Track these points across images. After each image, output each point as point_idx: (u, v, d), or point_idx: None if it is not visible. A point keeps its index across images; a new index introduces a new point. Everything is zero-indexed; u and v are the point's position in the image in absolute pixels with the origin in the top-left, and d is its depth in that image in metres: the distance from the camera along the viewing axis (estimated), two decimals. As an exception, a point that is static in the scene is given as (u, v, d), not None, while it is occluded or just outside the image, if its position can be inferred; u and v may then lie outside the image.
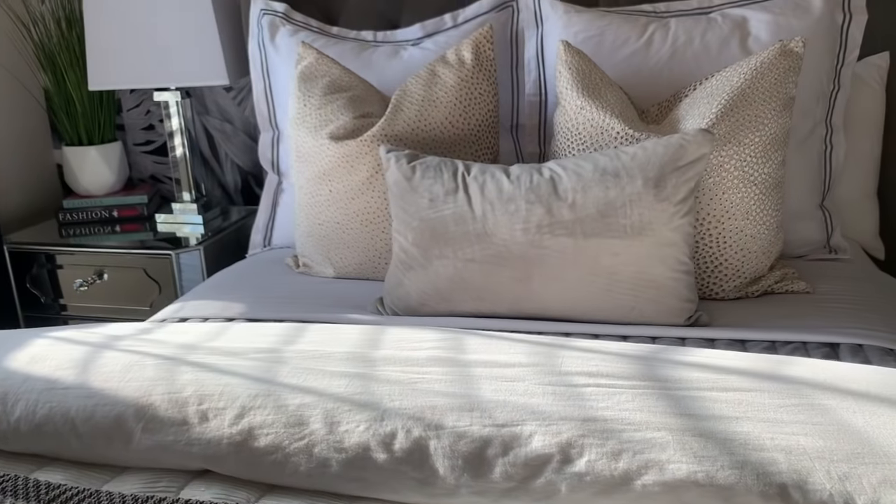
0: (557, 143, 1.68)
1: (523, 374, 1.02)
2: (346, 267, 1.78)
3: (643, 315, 1.44)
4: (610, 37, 1.80)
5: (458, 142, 1.71)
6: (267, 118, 2.12)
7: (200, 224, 2.45)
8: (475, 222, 1.47)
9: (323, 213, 1.76)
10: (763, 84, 1.55)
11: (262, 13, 2.08)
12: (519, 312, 1.49)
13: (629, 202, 1.39)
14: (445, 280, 1.50)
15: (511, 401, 0.97)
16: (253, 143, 2.64)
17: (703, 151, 1.41)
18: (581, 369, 1.03)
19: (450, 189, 1.51)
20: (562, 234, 1.41)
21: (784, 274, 1.62)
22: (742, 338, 1.39)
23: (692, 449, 0.87)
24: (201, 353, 1.13)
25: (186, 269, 2.29)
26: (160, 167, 2.77)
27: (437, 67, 1.74)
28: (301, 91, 1.78)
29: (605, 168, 1.43)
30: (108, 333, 1.24)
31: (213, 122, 2.66)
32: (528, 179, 1.47)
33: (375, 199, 1.70)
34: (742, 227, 1.55)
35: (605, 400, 0.96)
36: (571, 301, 1.45)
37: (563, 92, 1.66)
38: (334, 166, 1.71)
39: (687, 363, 1.04)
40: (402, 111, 1.69)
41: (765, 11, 1.77)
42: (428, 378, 1.02)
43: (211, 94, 2.63)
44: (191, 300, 1.70)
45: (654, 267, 1.41)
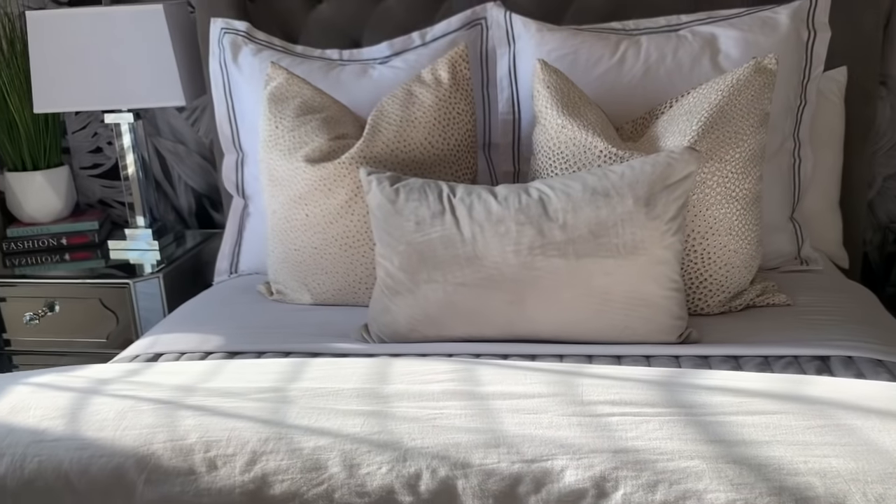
0: (538, 162, 1.66)
1: (545, 406, 1.00)
2: (324, 293, 1.73)
3: (636, 334, 1.43)
4: (584, 55, 1.80)
5: (438, 162, 1.68)
6: (230, 140, 2.05)
7: (156, 250, 2.36)
8: (465, 245, 1.44)
9: (299, 238, 1.70)
10: (740, 101, 1.57)
11: (223, 32, 2.02)
12: (511, 335, 1.47)
13: (621, 221, 1.39)
14: (435, 305, 1.46)
15: (537, 434, 0.94)
16: (207, 165, 2.56)
17: (691, 169, 1.42)
18: (604, 398, 1.01)
19: (436, 211, 1.48)
20: (554, 255, 1.40)
21: (764, 287, 1.64)
22: (735, 353, 1.40)
23: (728, 476, 0.86)
24: (200, 395, 1.07)
25: (144, 299, 2.19)
26: (109, 191, 2.66)
27: (413, 87, 1.71)
28: (272, 112, 1.73)
29: (594, 187, 1.42)
30: (92, 377, 1.17)
31: (164, 144, 2.57)
32: (516, 200, 1.45)
33: (355, 223, 1.66)
34: (725, 243, 1.56)
35: (633, 429, 0.94)
36: (564, 322, 1.43)
37: (542, 111, 1.65)
38: (311, 189, 1.66)
39: (708, 387, 1.04)
40: (381, 132, 1.66)
41: (733, 28, 1.80)
42: (446, 413, 0.99)
43: (162, 114, 2.54)
44: (162, 333, 1.62)
45: (647, 286, 1.41)
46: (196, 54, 2.29)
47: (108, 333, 2.20)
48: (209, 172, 2.58)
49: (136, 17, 2.16)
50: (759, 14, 1.81)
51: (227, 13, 2.12)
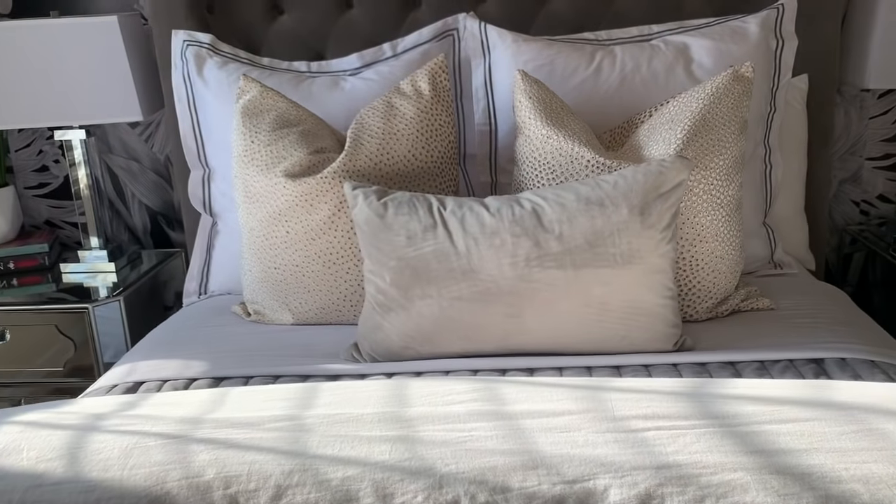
0: (522, 173, 1.65)
1: (578, 423, 0.97)
2: (306, 313, 1.67)
3: (634, 344, 1.43)
4: (560, 65, 1.80)
5: (421, 175, 1.65)
6: (196, 155, 1.97)
7: (112, 272, 2.26)
8: (459, 258, 1.41)
9: (279, 256, 1.64)
10: (721, 109, 1.58)
11: (186, 45, 1.94)
12: (508, 349, 1.44)
13: (617, 231, 1.38)
14: (430, 321, 1.43)
15: (575, 453, 0.92)
16: (162, 182, 2.47)
17: (682, 177, 1.42)
18: (636, 412, 0.99)
19: (427, 225, 1.44)
20: (551, 266, 1.38)
21: (748, 292, 1.66)
22: (731, 359, 1.41)
23: (773, 487, 0.86)
24: (209, 426, 1.01)
25: (104, 323, 2.09)
26: (57, 212, 2.54)
27: (393, 99, 1.67)
28: (246, 127, 1.67)
29: (588, 197, 1.41)
30: (85, 412, 1.09)
31: (117, 161, 2.47)
32: (509, 212, 1.43)
33: (338, 239, 1.61)
34: (713, 249, 1.57)
35: (671, 443, 0.93)
36: (563, 334, 1.42)
37: (525, 121, 1.63)
38: (291, 206, 1.61)
39: (735, 396, 1.03)
40: (363, 145, 1.62)
41: (705, 38, 1.82)
42: (477, 435, 0.96)
43: (114, 130, 2.44)
44: (139, 360, 1.54)
45: (644, 294, 1.40)
46: (151, 67, 2.20)
47: (66, 361, 2.09)
48: (164, 190, 2.48)
49: (88, 30, 2.07)
50: (729, 24, 1.84)
51: (186, 25, 2.05)
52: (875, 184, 2.37)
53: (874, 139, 2.34)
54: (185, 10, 2.07)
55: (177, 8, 2.07)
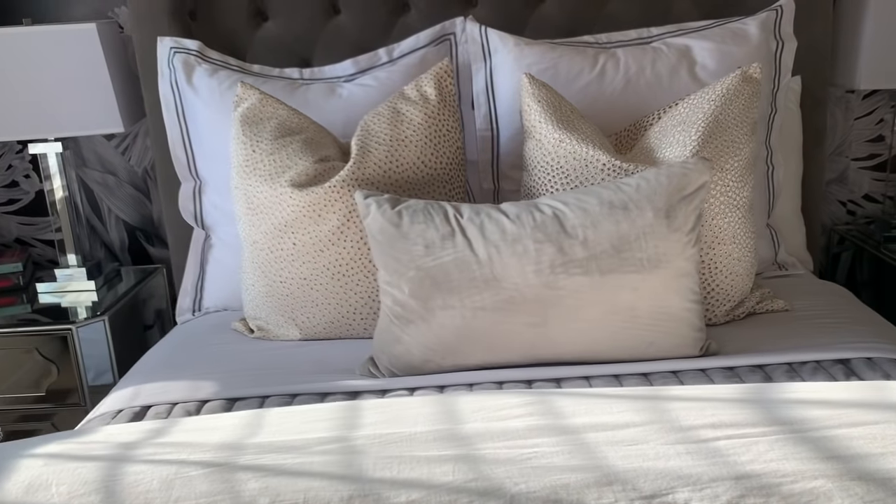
0: (534, 178, 1.61)
1: (644, 435, 0.93)
2: (314, 327, 1.61)
3: (661, 350, 1.40)
4: (563, 69, 1.78)
5: (430, 182, 1.60)
6: (186, 166, 1.90)
7: (92, 290, 2.16)
8: (481, 267, 1.36)
9: (286, 269, 1.58)
10: (732, 110, 1.57)
11: (173, 52, 1.87)
12: (533, 359, 1.40)
13: (643, 235, 1.35)
14: (452, 332, 1.38)
15: (648, 467, 0.88)
16: (140, 196, 2.38)
17: (705, 179, 1.40)
18: (702, 421, 0.96)
19: (445, 233, 1.40)
20: (577, 272, 1.35)
21: (762, 294, 1.65)
22: (760, 363, 1.39)
23: (858, 494, 0.83)
24: (251, 452, 0.95)
25: (88, 346, 1.99)
26: (28, 229, 2.42)
27: (399, 105, 1.62)
28: (246, 136, 1.60)
29: (611, 201, 1.38)
30: (111, 442, 1.01)
31: (92, 175, 2.37)
32: (530, 218, 1.39)
33: (347, 250, 1.55)
34: (730, 252, 1.55)
35: (744, 452, 0.90)
36: (589, 342, 1.38)
37: (535, 125, 1.60)
38: (298, 216, 1.54)
39: (798, 401, 1.01)
40: (371, 153, 1.56)
41: (706, 40, 1.81)
42: (541, 451, 0.91)
43: (89, 143, 2.34)
44: (143, 383, 1.46)
45: (671, 299, 1.38)
46: (129, 76, 2.12)
47: (48, 386, 1.99)
48: (143, 204, 2.39)
49: (66, 38, 1.98)
50: (729, 25, 1.84)
51: (169, 32, 1.98)
52: (861, 184, 2.40)
53: (859, 140, 2.36)
54: (167, 18, 1.99)
55: (159, 15, 1.99)
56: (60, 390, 2.00)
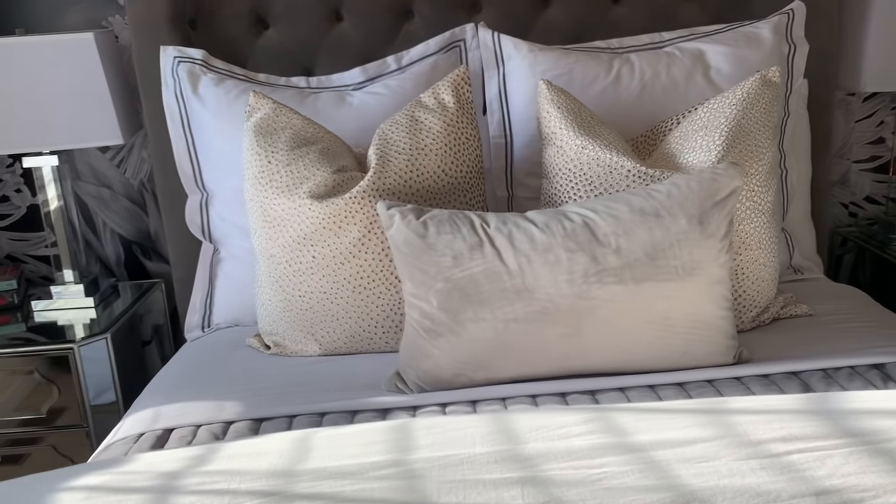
0: (555, 185, 1.59)
1: (714, 451, 0.91)
2: (334, 342, 1.57)
3: (695, 358, 1.38)
4: (579, 74, 1.75)
5: (451, 191, 1.57)
6: (192, 179, 1.84)
7: (91, 308, 2.09)
8: (512, 278, 1.33)
9: (305, 282, 1.53)
10: (754, 114, 1.56)
11: (178, 62, 1.82)
12: (565, 371, 1.37)
13: (677, 242, 1.33)
14: (484, 345, 1.35)
15: (724, 485, 0.85)
16: (137, 209, 2.32)
17: (736, 184, 1.39)
18: (770, 435, 0.94)
19: (473, 244, 1.36)
20: (611, 281, 1.32)
21: (785, 299, 1.64)
22: (795, 369, 1.37)
23: (942, 506, 0.81)
24: (306, 479, 0.90)
25: (90, 365, 1.93)
26: (19, 245, 2.35)
27: (416, 113, 1.59)
28: (261, 146, 1.56)
29: (642, 208, 1.36)
30: (152, 471, 0.96)
31: (86, 188, 2.31)
32: (559, 226, 1.36)
33: (369, 262, 1.52)
34: (756, 257, 1.54)
35: (820, 467, 0.87)
36: (624, 352, 1.36)
37: (556, 132, 1.58)
38: (317, 229, 1.50)
39: (864, 411, 0.99)
40: (390, 162, 1.53)
41: (719, 44, 1.80)
42: (611, 471, 0.88)
43: (83, 155, 2.28)
44: (162, 404, 1.40)
45: (705, 307, 1.35)
46: (127, 87, 2.07)
47: (49, 408, 1.92)
48: (139, 217, 2.33)
49: (62, 48, 1.92)
50: (742, 29, 1.83)
51: (169, 41, 1.93)
52: (862, 186, 2.41)
53: (860, 142, 2.37)
54: (167, 26, 1.94)
55: (159, 24, 1.94)
56: (63, 412, 1.93)
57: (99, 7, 2.16)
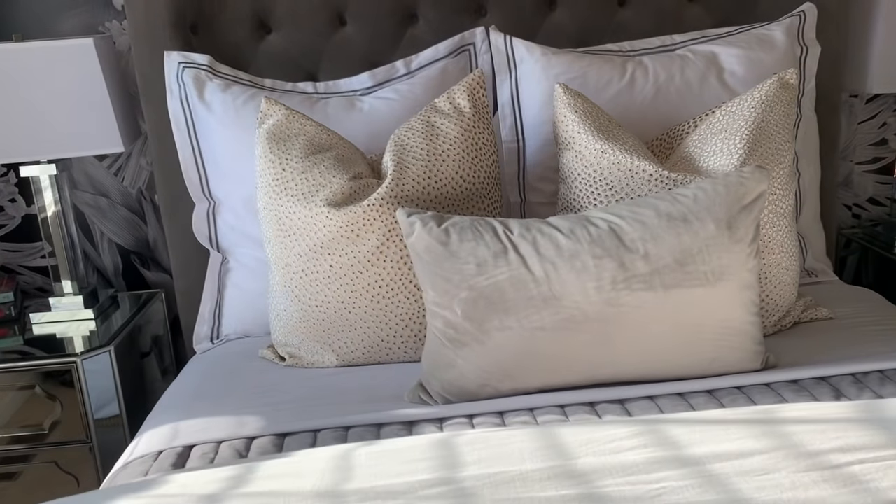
0: (574, 191, 1.56)
1: (773, 463, 0.88)
2: (352, 353, 1.53)
3: (724, 365, 1.36)
4: (593, 77, 1.73)
5: (469, 197, 1.54)
6: (199, 187, 1.80)
7: (91, 319, 2.04)
8: (538, 285, 1.31)
9: (322, 292, 1.50)
10: (773, 117, 1.55)
11: (183, 67, 1.77)
12: (594, 380, 1.35)
13: (706, 247, 1.31)
14: (511, 354, 1.32)
15: (787, 498, 0.83)
16: (135, 218, 2.27)
17: (763, 188, 1.37)
18: (829, 445, 0.91)
19: (497, 251, 1.34)
20: (640, 288, 1.30)
21: (806, 303, 1.62)
22: (824, 374, 1.36)
23: None
24: (354, 499, 0.87)
25: (94, 378, 1.88)
26: (14, 256, 2.29)
27: (432, 118, 1.56)
28: (274, 153, 1.52)
29: (669, 213, 1.34)
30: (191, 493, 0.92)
31: (83, 197, 2.25)
32: (585, 232, 1.34)
33: (387, 270, 1.48)
34: (779, 261, 1.53)
35: (882, 478, 0.85)
36: (653, 360, 1.34)
37: (574, 136, 1.55)
38: (335, 237, 1.47)
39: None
40: (408, 168, 1.50)
41: (733, 46, 1.79)
42: (670, 486, 0.85)
43: (79, 164, 2.22)
44: (180, 419, 1.36)
45: (735, 312, 1.34)
46: (126, 93, 2.02)
47: (52, 424, 1.87)
48: (137, 226, 2.28)
49: (61, 54, 1.87)
50: (754, 32, 1.82)
51: (170, 46, 1.89)
52: (865, 187, 2.41)
53: (863, 143, 2.37)
54: (169, 31, 1.90)
55: (160, 29, 1.90)
56: (66, 428, 1.88)
57: (95, 12, 2.11)
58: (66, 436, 1.89)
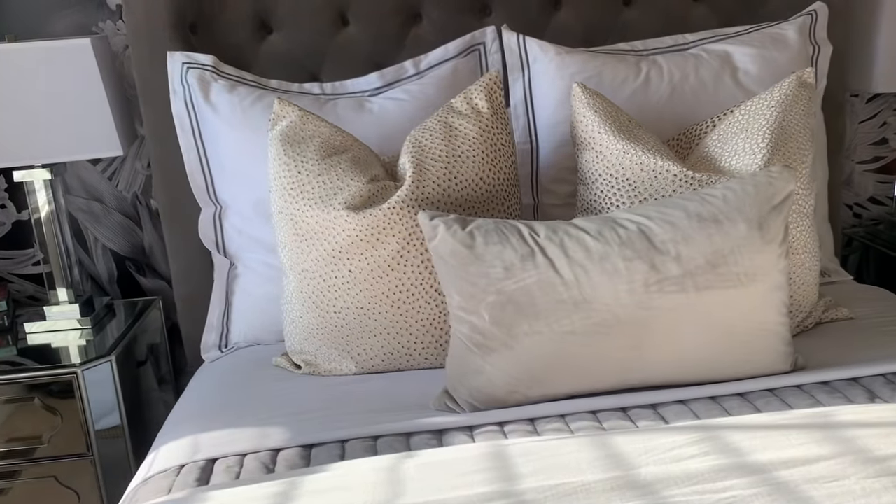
0: (596, 192, 1.54)
1: (840, 470, 0.86)
2: (371, 360, 1.49)
3: (756, 367, 1.34)
4: (608, 77, 1.71)
5: (488, 199, 1.51)
6: (205, 191, 1.75)
7: (88, 329, 1.98)
8: (568, 289, 1.28)
9: (341, 298, 1.46)
10: (794, 116, 1.53)
11: (187, 68, 1.72)
12: (625, 384, 1.32)
13: (737, 248, 1.29)
14: (540, 360, 1.29)
15: (862, 504, 0.81)
16: (130, 223, 2.21)
17: (791, 188, 1.35)
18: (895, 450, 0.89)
19: (525, 254, 1.31)
20: (672, 290, 1.27)
21: (826, 303, 1.61)
22: (854, 375, 1.34)
23: None
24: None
25: (94, 389, 1.82)
26: (4, 263, 2.22)
27: (449, 118, 1.53)
28: (289, 156, 1.48)
29: (699, 214, 1.32)
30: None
31: (76, 202, 2.19)
32: (613, 234, 1.31)
33: (408, 275, 1.45)
34: (803, 261, 1.51)
35: (955, 481, 0.83)
36: (685, 363, 1.31)
37: (594, 136, 1.53)
38: (354, 241, 1.43)
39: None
40: (428, 170, 1.46)
41: (746, 45, 1.78)
42: (740, 495, 0.83)
43: (72, 168, 2.15)
44: (198, 432, 1.31)
45: (767, 314, 1.32)
46: (123, 96, 1.96)
47: (51, 436, 1.80)
48: (132, 232, 2.22)
49: (57, 55, 1.81)
50: (767, 31, 1.81)
51: (170, 47, 1.83)
52: (866, 186, 2.41)
53: (864, 143, 2.38)
54: (169, 31, 1.85)
55: (159, 29, 1.85)
56: (67, 441, 1.81)
57: (89, 12, 2.05)
58: (65, 449, 1.82)
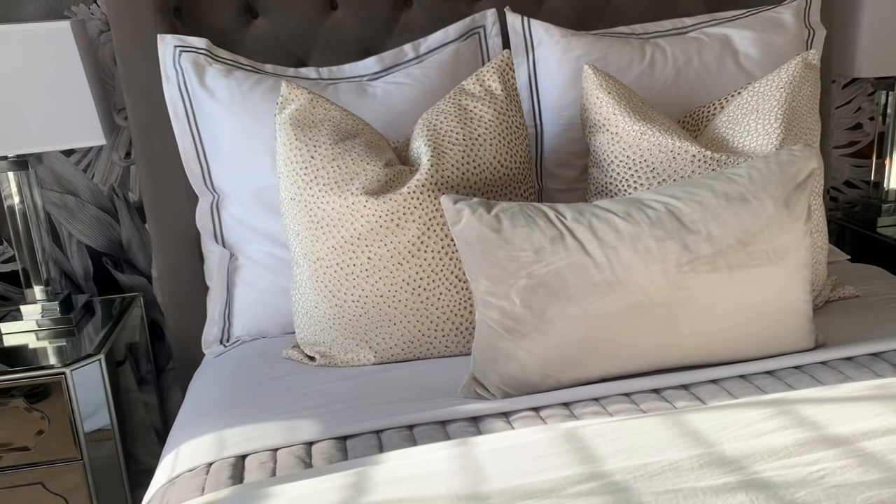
0: (612, 174, 1.52)
1: (923, 437, 0.86)
2: (391, 349, 1.45)
3: (783, 344, 1.34)
4: (614, 59, 1.70)
5: (506, 182, 1.48)
6: (201, 179, 1.68)
7: (70, 327, 1.89)
8: (600, 270, 1.26)
9: (359, 286, 1.41)
10: (802, 97, 1.55)
11: (179, 51, 1.65)
12: (658, 366, 1.31)
13: (766, 227, 1.29)
14: (574, 343, 1.27)
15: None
16: (107, 217, 2.11)
17: (813, 166, 1.36)
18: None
19: (554, 236, 1.28)
20: (705, 270, 1.27)
21: (833, 282, 1.63)
22: (877, 350, 1.36)
23: None
24: (501, 501, 0.79)
25: (84, 391, 1.73)
26: (-29, 261, 2.10)
27: (463, 101, 1.49)
28: (301, 141, 1.42)
29: (727, 193, 1.31)
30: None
31: (48, 196, 2.08)
32: (642, 215, 1.30)
33: (428, 261, 1.41)
34: (816, 240, 1.53)
35: None
36: (716, 343, 1.31)
37: (609, 118, 1.51)
38: (373, 227, 1.38)
39: None
40: (446, 154, 1.42)
41: (745, 28, 1.79)
42: (829, 468, 0.82)
43: (45, 160, 2.04)
44: (220, 429, 1.25)
45: (795, 292, 1.32)
46: (101, 83, 1.87)
47: (37, 441, 1.71)
48: (109, 226, 2.12)
49: (34, 39, 1.71)
50: (764, 14, 1.82)
51: (155, 31, 1.75)
52: (842, 171, 2.47)
53: (839, 128, 2.43)
54: (153, 16, 1.76)
55: (144, 13, 1.76)
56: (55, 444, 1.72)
57: (60, -5, 1.95)
58: (52, 454, 1.73)
